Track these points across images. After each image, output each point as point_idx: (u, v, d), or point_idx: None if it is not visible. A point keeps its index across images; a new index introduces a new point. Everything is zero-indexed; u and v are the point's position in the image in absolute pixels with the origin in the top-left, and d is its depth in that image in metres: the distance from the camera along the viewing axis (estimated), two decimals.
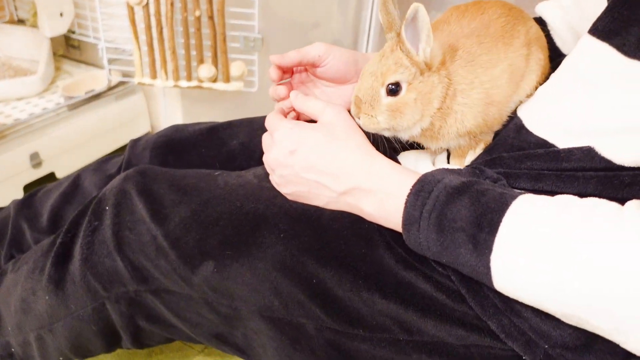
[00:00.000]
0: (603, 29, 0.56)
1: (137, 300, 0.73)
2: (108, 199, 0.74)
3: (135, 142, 0.89)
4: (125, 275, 0.71)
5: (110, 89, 1.52)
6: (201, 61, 1.41)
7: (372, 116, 0.64)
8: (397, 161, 0.73)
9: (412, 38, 0.61)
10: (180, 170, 0.77)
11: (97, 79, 1.54)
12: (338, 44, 1.95)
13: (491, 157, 0.63)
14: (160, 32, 1.36)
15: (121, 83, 1.54)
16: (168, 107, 1.60)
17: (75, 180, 0.92)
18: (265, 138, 0.68)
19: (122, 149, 1.43)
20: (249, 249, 0.66)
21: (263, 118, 0.71)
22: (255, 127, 0.86)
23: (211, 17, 1.34)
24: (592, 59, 0.56)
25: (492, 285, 0.53)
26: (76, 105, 1.45)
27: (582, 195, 0.53)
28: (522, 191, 0.57)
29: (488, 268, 0.51)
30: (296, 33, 1.77)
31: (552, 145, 0.58)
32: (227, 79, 1.43)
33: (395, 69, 0.62)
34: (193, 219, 0.68)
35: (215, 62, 1.41)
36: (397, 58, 0.62)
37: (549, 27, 0.78)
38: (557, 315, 0.51)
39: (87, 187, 0.90)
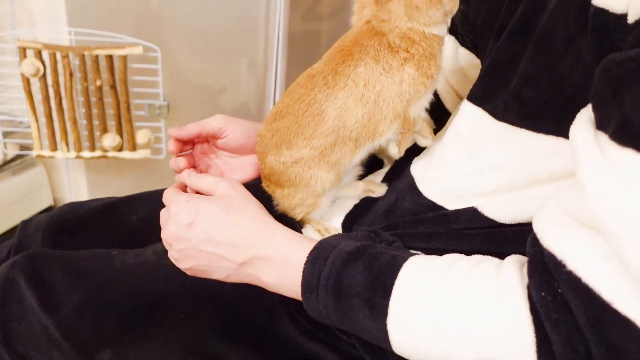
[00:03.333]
0: (477, 95, 0.60)
1: None
2: None
3: (26, 224, 0.83)
4: None
5: (7, 163, 1.44)
6: (104, 130, 1.37)
7: None
8: (299, 231, 0.73)
9: None
10: (74, 252, 0.72)
11: None
12: (246, 108, 1.96)
13: (387, 222, 0.65)
14: (60, 103, 1.32)
15: (19, 156, 1.46)
16: (72, 179, 1.53)
17: None
18: (162, 213, 0.66)
19: None
20: (148, 333, 0.62)
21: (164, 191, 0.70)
22: (155, 201, 0.83)
23: (113, 86, 1.32)
24: (470, 123, 0.60)
25: (392, 349, 0.53)
26: None
27: (469, 252, 0.55)
28: (416, 251, 0.58)
29: (385, 332, 0.51)
30: (204, 97, 1.77)
31: (441, 208, 0.61)
32: (133, 147, 1.40)
33: None
34: (87, 305, 0.64)
35: (119, 131, 1.38)
36: None
37: (438, 91, 0.83)
38: None
39: None
